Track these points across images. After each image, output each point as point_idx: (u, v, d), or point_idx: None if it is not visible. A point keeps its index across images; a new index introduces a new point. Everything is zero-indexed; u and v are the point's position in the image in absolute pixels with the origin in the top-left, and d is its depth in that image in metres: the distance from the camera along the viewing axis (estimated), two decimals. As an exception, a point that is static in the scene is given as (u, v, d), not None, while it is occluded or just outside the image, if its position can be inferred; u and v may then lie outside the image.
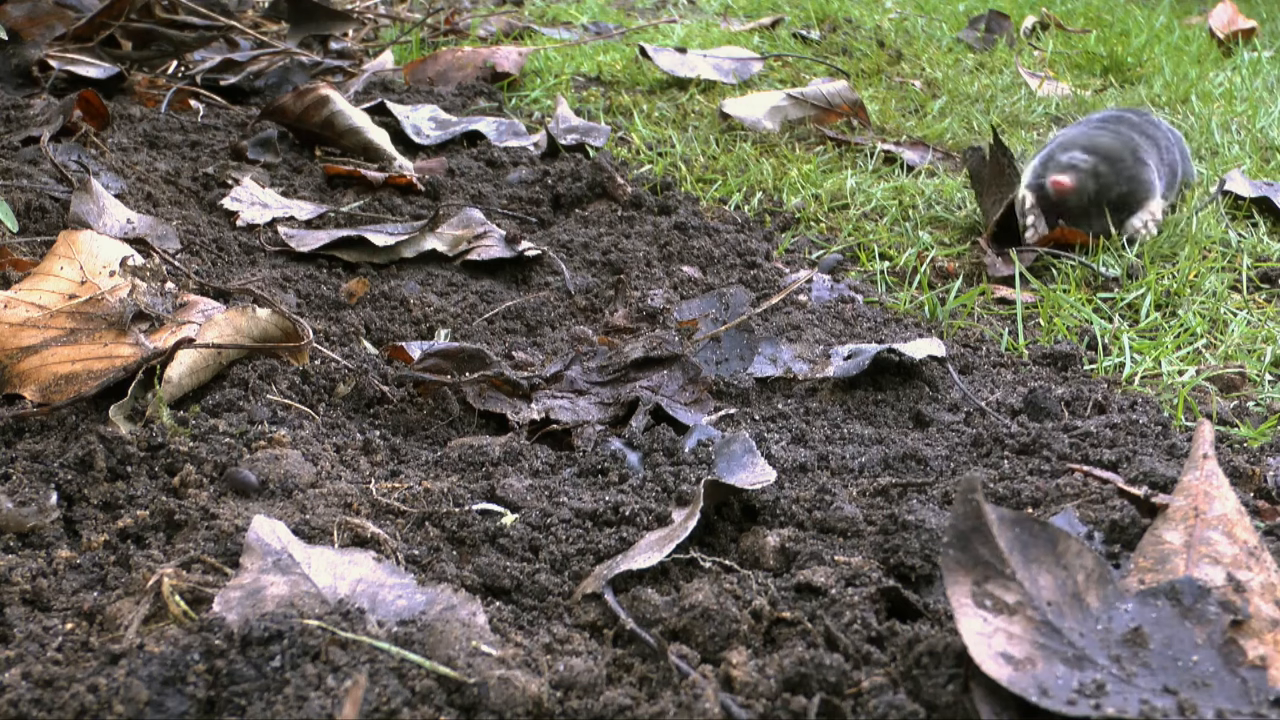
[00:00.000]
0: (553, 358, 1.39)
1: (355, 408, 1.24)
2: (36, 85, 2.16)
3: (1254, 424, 1.30)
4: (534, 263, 1.71)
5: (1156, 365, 1.46)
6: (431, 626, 0.80)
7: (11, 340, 1.19)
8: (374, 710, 0.72)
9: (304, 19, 2.78)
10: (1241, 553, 0.84)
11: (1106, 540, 0.96)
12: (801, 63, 2.99)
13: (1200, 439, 0.96)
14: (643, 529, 1.00)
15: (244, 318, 1.23)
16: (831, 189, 2.05)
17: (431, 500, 1.02)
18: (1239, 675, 0.74)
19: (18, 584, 0.86)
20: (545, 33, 3.35)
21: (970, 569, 0.78)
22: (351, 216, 1.82)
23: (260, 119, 2.17)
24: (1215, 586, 0.81)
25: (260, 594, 0.82)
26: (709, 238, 1.80)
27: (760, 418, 1.28)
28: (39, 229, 1.53)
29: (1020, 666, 0.73)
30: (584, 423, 1.24)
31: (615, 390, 1.30)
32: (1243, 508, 0.89)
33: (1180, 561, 0.85)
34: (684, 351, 1.32)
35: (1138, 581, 0.84)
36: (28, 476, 1.01)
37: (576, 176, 2.01)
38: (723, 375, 1.37)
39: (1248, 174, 2.17)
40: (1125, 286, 1.69)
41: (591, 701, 0.77)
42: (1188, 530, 0.88)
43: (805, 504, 1.04)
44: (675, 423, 1.24)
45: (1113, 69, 3.20)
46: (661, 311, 1.48)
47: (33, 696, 0.73)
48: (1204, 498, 0.91)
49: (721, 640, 0.84)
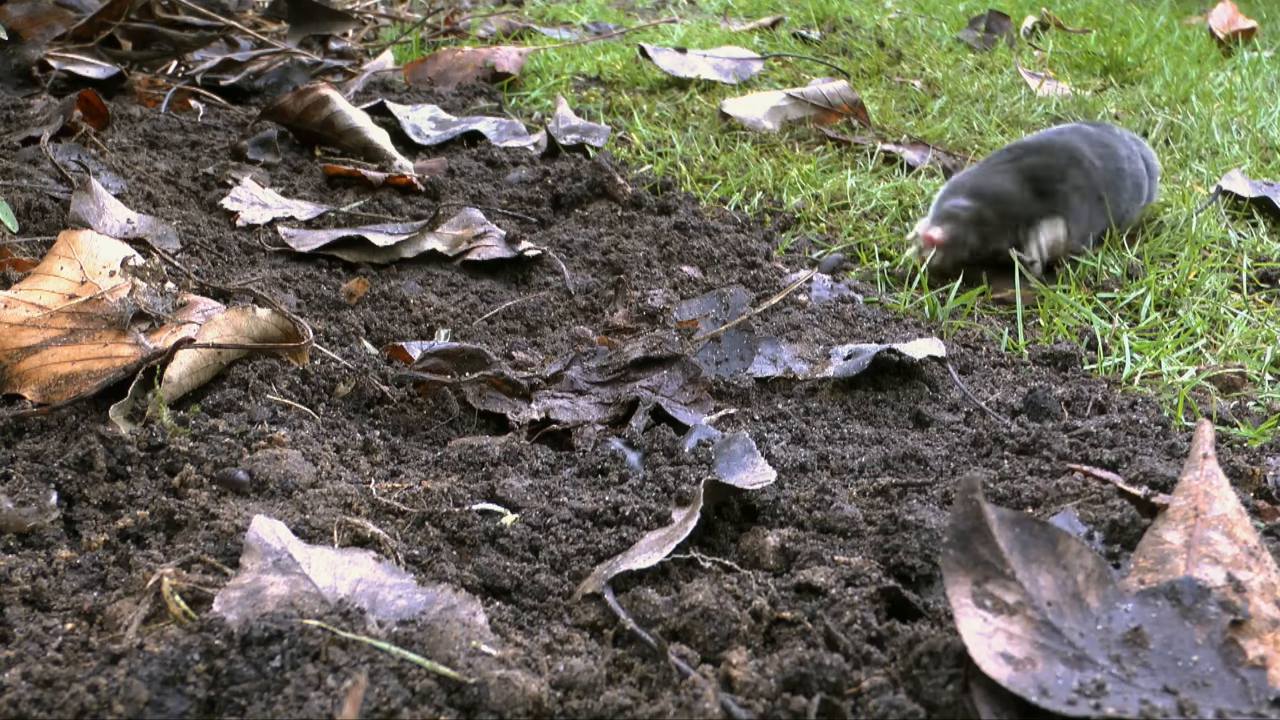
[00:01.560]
0: (553, 358, 1.39)
1: (355, 408, 1.24)
2: (36, 85, 2.16)
3: (1254, 424, 1.30)
4: (534, 263, 1.71)
5: (1156, 365, 1.46)
6: (431, 626, 0.80)
7: (11, 340, 1.19)
8: (374, 710, 0.72)
9: (304, 19, 2.78)
10: (1241, 553, 0.84)
11: (1106, 540, 0.96)
12: (801, 63, 2.99)
13: (1200, 439, 0.96)
14: (643, 529, 1.00)
15: (244, 318, 1.23)
16: (831, 189, 2.05)
17: (431, 500, 1.02)
18: (1239, 675, 0.74)
19: (18, 584, 0.86)
20: (545, 33, 3.35)
21: (970, 569, 0.78)
22: (351, 216, 1.82)
23: (260, 119, 2.17)
24: (1215, 586, 0.81)
25: (260, 594, 0.82)
26: (709, 238, 1.80)
27: (760, 418, 1.28)
28: (39, 229, 1.53)
29: (1020, 666, 0.73)
30: (584, 423, 1.24)
31: (615, 390, 1.30)
32: (1243, 508, 0.90)
33: (1180, 561, 0.85)
34: (684, 351, 1.32)
35: (1138, 581, 0.85)
36: (28, 476, 1.01)
37: (576, 176, 2.01)
38: (723, 375, 1.37)
39: (1248, 174, 2.17)
40: (1125, 286, 1.69)
41: (591, 701, 0.77)
42: (1188, 530, 0.88)
43: (805, 504, 1.04)
44: (675, 423, 1.24)
45: (1113, 69, 3.20)
46: (661, 311, 1.48)
47: (33, 696, 0.73)
48: (1204, 498, 0.91)
49: (721, 640, 0.84)
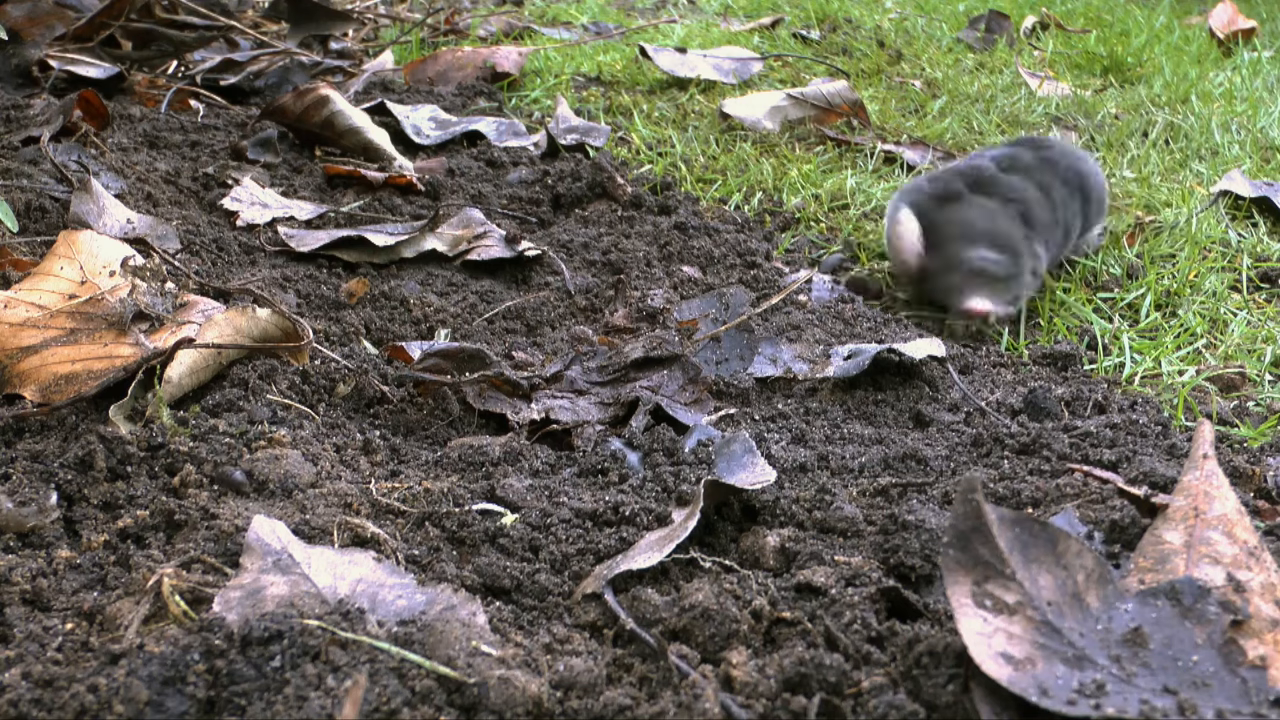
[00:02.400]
0: (553, 358, 1.39)
1: (355, 408, 1.24)
2: (36, 85, 2.16)
3: (1254, 424, 1.30)
4: (534, 263, 1.71)
5: (1156, 365, 1.46)
6: (431, 626, 0.80)
7: (11, 340, 1.19)
8: (374, 710, 0.72)
9: (304, 19, 2.78)
10: (1241, 553, 0.84)
11: (1106, 540, 0.96)
12: (801, 63, 2.99)
13: (1200, 439, 0.96)
14: (643, 529, 1.00)
15: (244, 318, 1.23)
16: (831, 189, 2.05)
17: (431, 500, 1.02)
18: (1239, 675, 0.74)
19: (18, 584, 0.86)
20: (545, 33, 3.35)
21: (970, 569, 0.78)
22: (351, 216, 1.82)
23: (260, 119, 2.17)
24: (1215, 586, 0.81)
25: (260, 594, 0.82)
26: (709, 238, 1.80)
27: (760, 417, 1.28)
28: (39, 229, 1.53)
29: (1020, 666, 0.73)
30: (584, 423, 1.24)
31: (615, 390, 1.30)
32: (1243, 508, 0.90)
33: (1180, 561, 0.85)
34: (684, 351, 1.32)
35: (1138, 581, 0.85)
36: (28, 476, 1.01)
37: (576, 176, 2.01)
38: (723, 375, 1.37)
39: (1248, 174, 2.17)
40: (1125, 286, 1.69)
41: (591, 701, 0.77)
42: (1188, 530, 0.88)
43: (805, 504, 1.04)
44: (675, 422, 1.24)
45: (1113, 69, 3.20)
46: (661, 311, 1.48)
47: (33, 696, 0.73)
48: (1204, 498, 0.91)
49: (722, 640, 0.84)
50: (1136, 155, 2.35)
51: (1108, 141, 2.46)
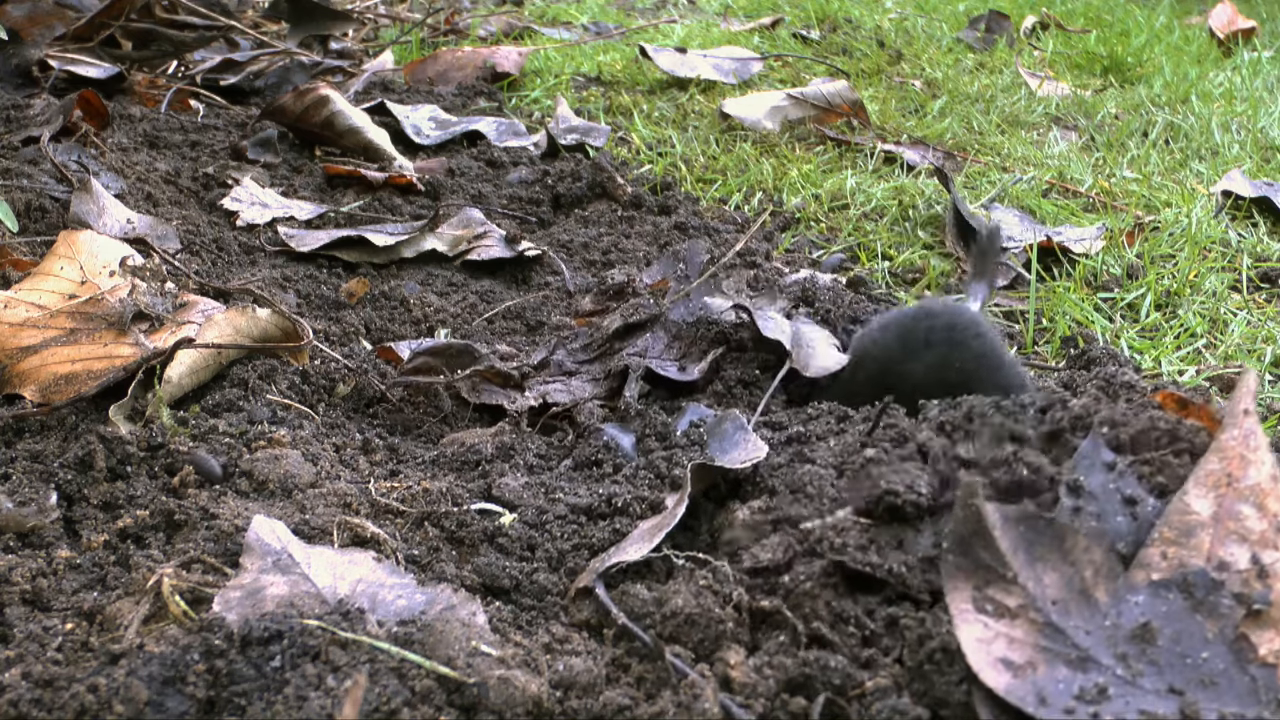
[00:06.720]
0: (535, 347, 1.39)
1: (354, 407, 1.24)
2: (36, 85, 2.16)
3: (1255, 424, 1.30)
4: (534, 262, 1.70)
5: (1156, 365, 1.45)
6: (431, 626, 0.80)
7: (11, 340, 1.19)
8: (374, 710, 0.72)
9: (304, 19, 2.78)
10: (1270, 529, 0.80)
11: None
12: (801, 63, 2.99)
13: (1242, 391, 0.87)
14: (636, 519, 1.00)
15: (244, 318, 1.23)
16: (831, 189, 2.05)
17: (430, 500, 1.02)
18: (1248, 673, 0.73)
19: (18, 584, 0.86)
20: (545, 33, 3.34)
21: (971, 574, 0.77)
22: (351, 216, 1.82)
23: (260, 119, 2.16)
24: (1238, 570, 0.78)
25: (260, 594, 0.82)
26: (709, 238, 1.80)
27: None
28: (39, 229, 1.52)
29: (1020, 673, 0.72)
30: (581, 400, 1.24)
31: (604, 364, 1.30)
32: (1278, 473, 0.83)
33: (1206, 536, 0.80)
34: (661, 310, 1.32)
35: (1160, 554, 0.80)
36: (28, 476, 1.01)
37: (576, 176, 2.01)
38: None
39: (1248, 174, 2.17)
40: (1125, 286, 1.69)
41: (591, 701, 0.77)
42: (1217, 500, 0.82)
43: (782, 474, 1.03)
44: (670, 383, 1.24)
45: (1113, 69, 3.20)
46: (626, 285, 1.47)
47: (33, 696, 0.73)
48: (1239, 462, 0.84)
49: (711, 643, 0.84)
50: (1137, 155, 2.34)
51: (1108, 141, 2.46)
